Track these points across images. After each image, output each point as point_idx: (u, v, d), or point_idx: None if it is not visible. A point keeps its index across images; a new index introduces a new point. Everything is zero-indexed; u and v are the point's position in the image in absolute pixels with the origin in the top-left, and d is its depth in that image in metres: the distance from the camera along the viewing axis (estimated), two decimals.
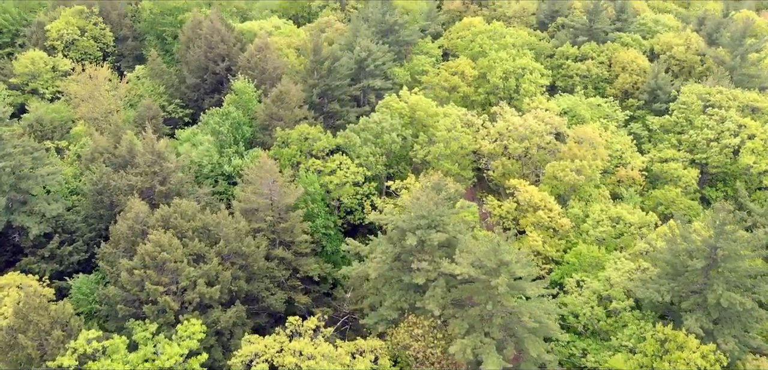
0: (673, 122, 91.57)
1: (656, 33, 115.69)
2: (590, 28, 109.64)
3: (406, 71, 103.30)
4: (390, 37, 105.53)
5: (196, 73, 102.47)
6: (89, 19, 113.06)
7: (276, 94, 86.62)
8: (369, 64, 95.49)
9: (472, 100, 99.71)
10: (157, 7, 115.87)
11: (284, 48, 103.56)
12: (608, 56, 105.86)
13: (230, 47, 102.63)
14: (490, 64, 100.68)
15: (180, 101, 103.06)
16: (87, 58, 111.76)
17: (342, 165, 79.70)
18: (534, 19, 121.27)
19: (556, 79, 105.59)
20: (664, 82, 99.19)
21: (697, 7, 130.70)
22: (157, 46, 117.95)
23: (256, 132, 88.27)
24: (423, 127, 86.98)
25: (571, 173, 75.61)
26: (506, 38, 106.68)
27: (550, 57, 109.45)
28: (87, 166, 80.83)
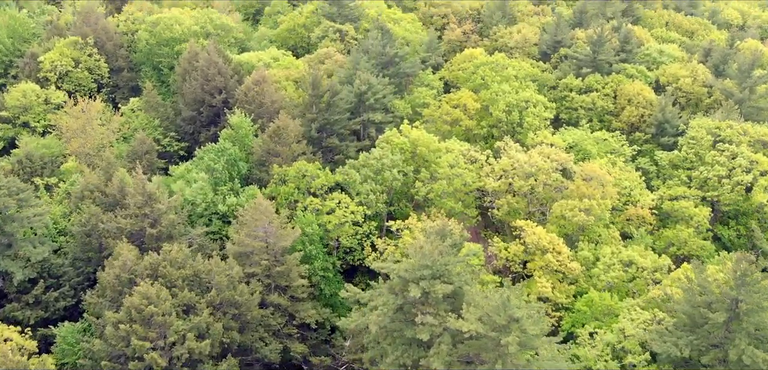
0: (682, 158, 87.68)
1: (661, 64, 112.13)
2: (594, 59, 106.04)
3: (407, 104, 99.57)
4: (390, 70, 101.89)
5: (192, 105, 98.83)
6: (84, 50, 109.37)
7: (273, 130, 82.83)
8: (369, 97, 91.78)
9: (475, 133, 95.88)
10: (153, 38, 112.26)
11: (282, 80, 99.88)
12: (613, 88, 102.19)
13: (227, 79, 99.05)
14: (492, 96, 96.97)
15: (175, 134, 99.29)
16: (81, 90, 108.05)
17: (341, 203, 75.73)
18: (536, 49, 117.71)
19: (560, 111, 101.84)
20: (672, 115, 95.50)
21: (702, 36, 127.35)
22: (153, 77, 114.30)
23: (252, 168, 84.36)
24: (425, 163, 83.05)
25: (580, 213, 71.62)
26: (508, 70, 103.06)
27: (553, 89, 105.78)
28: (77, 205, 76.94)
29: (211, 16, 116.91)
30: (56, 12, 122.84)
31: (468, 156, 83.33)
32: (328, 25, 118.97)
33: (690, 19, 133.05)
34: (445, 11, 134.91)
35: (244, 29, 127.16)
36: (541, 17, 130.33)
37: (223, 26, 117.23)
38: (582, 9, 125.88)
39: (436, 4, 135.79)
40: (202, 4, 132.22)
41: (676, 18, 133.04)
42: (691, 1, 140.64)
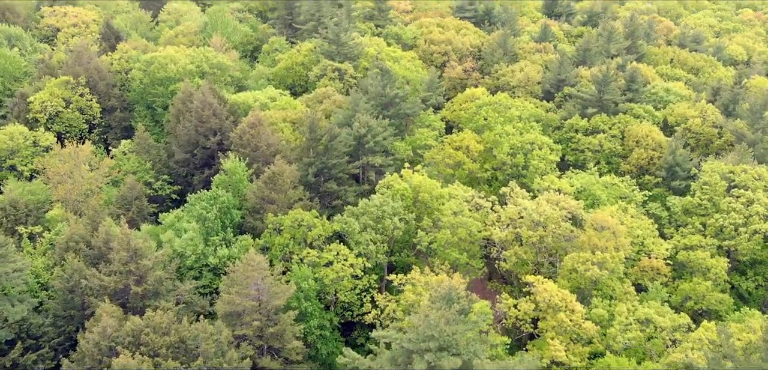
0: (695, 204, 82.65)
1: (668, 103, 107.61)
2: (600, 98, 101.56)
3: (408, 145, 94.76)
4: (390, 110, 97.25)
5: (186, 147, 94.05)
6: (75, 89, 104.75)
7: (268, 176, 77.87)
8: (368, 140, 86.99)
9: (478, 177, 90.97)
10: (147, 77, 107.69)
11: (279, 122, 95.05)
12: (620, 129, 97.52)
13: (222, 121, 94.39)
14: (495, 138, 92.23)
15: (167, 177, 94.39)
16: (71, 131, 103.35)
17: (339, 255, 70.53)
18: (539, 88, 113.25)
19: (566, 152, 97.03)
20: (682, 158, 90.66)
21: (708, 74, 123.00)
22: (147, 117, 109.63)
23: (246, 216, 79.28)
24: (427, 210, 78.07)
25: (593, 267, 66.43)
26: (512, 110, 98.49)
27: (557, 129, 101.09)
28: (61, 257, 71.76)
29: (207, 54, 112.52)
30: (49, 50, 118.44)
31: (472, 203, 78.27)
32: (327, 64, 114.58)
33: (695, 56, 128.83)
34: (445, 49, 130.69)
35: (241, 67, 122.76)
36: (543, 55, 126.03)
37: (220, 65, 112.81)
38: (585, 46, 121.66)
39: (436, 41, 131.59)
40: (198, 42, 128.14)
41: (680, 55, 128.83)
42: (696, 37, 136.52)
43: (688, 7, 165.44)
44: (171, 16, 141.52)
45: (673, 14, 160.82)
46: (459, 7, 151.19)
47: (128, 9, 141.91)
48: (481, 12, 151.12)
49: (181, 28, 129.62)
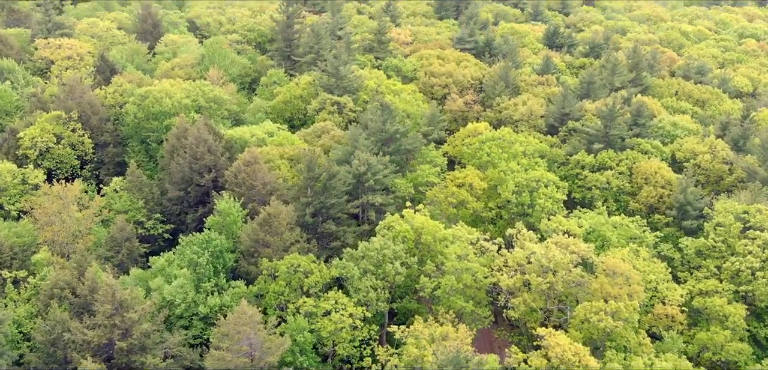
0: (709, 246, 78.24)
1: (676, 137, 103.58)
2: (606, 134, 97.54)
3: (409, 182, 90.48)
4: (390, 146, 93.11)
5: (179, 184, 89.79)
6: (67, 125, 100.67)
7: (263, 218, 73.53)
8: (368, 178, 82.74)
9: (483, 216, 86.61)
10: (141, 111, 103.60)
11: (276, 159, 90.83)
12: (628, 166, 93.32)
13: (217, 157, 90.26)
14: (500, 176, 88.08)
15: (160, 216, 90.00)
16: (62, 167, 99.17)
17: (338, 304, 65.97)
18: (542, 122, 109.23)
19: (573, 189, 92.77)
20: (693, 196, 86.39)
21: (714, 107, 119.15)
22: (141, 151, 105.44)
23: (240, 259, 74.78)
24: (430, 254, 73.64)
25: (607, 317, 61.87)
26: (516, 146, 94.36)
27: (563, 165, 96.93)
28: (45, 304, 67.36)
29: (203, 88, 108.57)
30: (41, 84, 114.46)
31: (477, 246, 73.83)
32: (326, 98, 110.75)
33: (700, 88, 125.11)
34: (445, 81, 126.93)
35: (239, 101, 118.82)
36: (546, 87, 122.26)
37: (216, 99, 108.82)
38: (589, 79, 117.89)
39: (436, 73, 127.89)
40: (195, 74, 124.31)
41: (685, 87, 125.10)
42: (700, 69, 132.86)
43: (691, 38, 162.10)
44: (168, 47, 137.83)
45: (675, 44, 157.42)
46: (459, 39, 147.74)
47: (125, 41, 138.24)
48: (481, 43, 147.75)
49: (178, 61, 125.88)
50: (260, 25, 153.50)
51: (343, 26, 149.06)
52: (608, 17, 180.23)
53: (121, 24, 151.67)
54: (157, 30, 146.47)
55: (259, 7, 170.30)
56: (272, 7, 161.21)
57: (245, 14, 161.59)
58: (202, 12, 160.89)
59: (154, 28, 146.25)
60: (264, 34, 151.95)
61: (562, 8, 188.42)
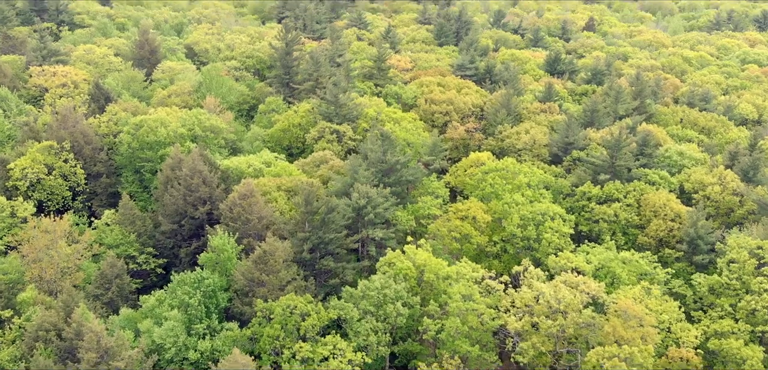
0: (723, 284, 74.32)
1: (683, 167, 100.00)
2: (612, 164, 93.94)
3: (410, 215, 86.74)
4: (391, 177, 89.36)
5: (173, 217, 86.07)
6: (59, 155, 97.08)
7: (259, 255, 69.70)
8: (368, 212, 78.94)
9: (487, 251, 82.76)
10: (136, 141, 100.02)
11: (273, 191, 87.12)
12: (636, 198, 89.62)
13: (212, 189, 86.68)
14: (504, 208, 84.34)
15: (153, 250, 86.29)
16: (53, 199, 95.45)
17: (336, 349, 61.94)
18: (546, 151, 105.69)
19: (579, 222, 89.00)
20: (704, 230, 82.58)
21: (720, 135, 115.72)
22: (135, 182, 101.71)
23: (233, 299, 70.82)
24: (433, 293, 69.70)
25: (620, 363, 57.85)
26: (520, 177, 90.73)
27: (569, 196, 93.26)
28: (30, 347, 63.45)
29: (199, 117, 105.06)
30: (34, 113, 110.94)
31: (483, 284, 69.91)
32: (325, 126, 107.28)
33: (705, 116, 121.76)
34: (446, 109, 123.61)
35: (236, 129, 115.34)
36: (548, 115, 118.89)
37: (213, 128, 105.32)
38: (592, 107, 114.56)
39: (436, 101, 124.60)
40: (192, 102, 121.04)
41: (690, 114, 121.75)
42: (704, 96, 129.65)
43: (693, 63, 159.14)
44: (165, 74, 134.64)
45: (678, 70, 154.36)
46: (459, 66, 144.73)
47: (121, 67, 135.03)
48: (482, 70, 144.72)
49: (175, 88, 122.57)
50: (259, 51, 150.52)
51: (343, 53, 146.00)
52: (609, 43, 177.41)
53: (118, 50, 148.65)
54: (155, 56, 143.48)
55: (258, 33, 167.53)
56: (271, 34, 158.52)
57: (244, 41, 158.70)
58: (201, 38, 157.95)
59: (152, 54, 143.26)
60: (263, 60, 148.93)
61: (563, 34, 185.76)
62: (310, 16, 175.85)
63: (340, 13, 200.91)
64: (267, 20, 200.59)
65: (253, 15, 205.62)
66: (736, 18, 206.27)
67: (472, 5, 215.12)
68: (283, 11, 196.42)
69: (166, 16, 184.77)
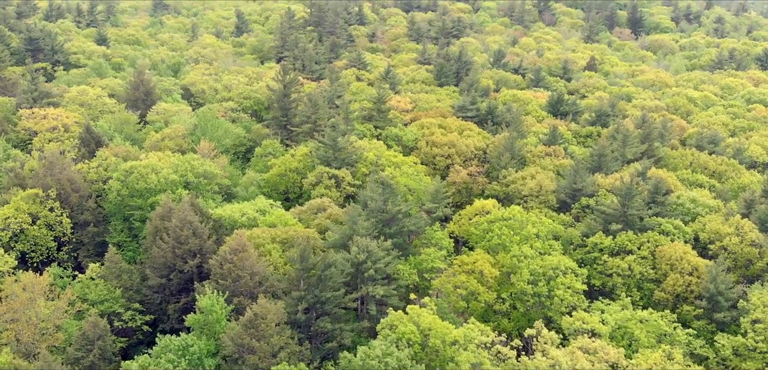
0: (749, 347, 68.22)
1: (697, 215, 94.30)
2: (624, 213, 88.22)
3: (413, 268, 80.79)
4: (392, 228, 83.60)
5: (161, 271, 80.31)
6: (45, 203, 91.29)
7: (249, 319, 63.57)
8: (368, 267, 73.00)
9: (495, 308, 76.65)
10: (125, 188, 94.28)
11: (267, 242, 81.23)
12: (650, 250, 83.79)
13: (203, 241, 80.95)
14: (513, 262, 78.44)
15: (139, 306, 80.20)
16: (37, 250, 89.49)
17: None
18: (553, 198, 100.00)
19: (592, 275, 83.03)
20: (725, 285, 76.69)
21: (732, 180, 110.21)
22: (124, 230, 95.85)
23: (221, 365, 64.56)
24: (439, 361, 63.46)
25: None
26: (528, 227, 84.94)
27: (580, 247, 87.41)
28: None
29: (192, 162, 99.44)
30: (21, 158, 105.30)
31: (493, 350, 63.72)
32: (323, 171, 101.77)
33: (715, 159, 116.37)
34: (448, 151, 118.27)
35: (231, 173, 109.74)
36: (554, 159, 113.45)
37: (206, 173, 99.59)
38: (600, 151, 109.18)
39: (438, 143, 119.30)
40: (186, 145, 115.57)
41: (700, 157, 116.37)
42: (712, 138, 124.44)
43: (698, 104, 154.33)
44: (160, 116, 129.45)
45: (683, 111, 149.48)
46: (460, 107, 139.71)
47: (115, 109, 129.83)
48: (483, 111, 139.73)
49: (169, 131, 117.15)
50: (257, 92, 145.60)
51: (342, 94, 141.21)
52: (611, 83, 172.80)
53: (113, 91, 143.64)
54: (150, 98, 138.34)
55: (256, 73, 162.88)
56: (270, 74, 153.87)
57: (242, 81, 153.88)
58: (197, 79, 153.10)
59: (147, 95, 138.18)
60: (260, 101, 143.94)
61: (564, 74, 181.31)
62: (309, 56, 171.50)
63: (340, 52, 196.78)
64: (266, 59, 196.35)
65: (252, 55, 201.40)
66: (737, 57, 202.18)
67: (471, 45, 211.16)
68: (282, 51, 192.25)
69: (164, 56, 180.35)
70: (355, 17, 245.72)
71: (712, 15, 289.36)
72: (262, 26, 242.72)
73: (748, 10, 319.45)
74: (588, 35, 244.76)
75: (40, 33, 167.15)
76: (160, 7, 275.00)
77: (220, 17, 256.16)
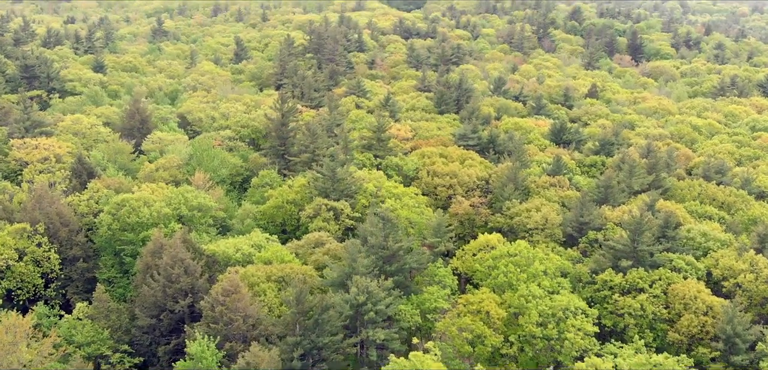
0: None
1: (708, 250, 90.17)
2: (634, 248, 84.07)
3: (415, 309, 76.47)
4: (393, 265, 79.44)
5: (151, 311, 76.26)
6: (32, 238, 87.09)
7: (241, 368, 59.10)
8: (368, 309, 68.75)
9: (503, 352, 72.22)
10: (116, 222, 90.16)
11: (262, 281, 76.94)
12: (663, 288, 79.55)
13: (195, 280, 76.89)
14: (521, 302, 74.15)
15: (128, 348, 75.97)
16: (24, 287, 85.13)
17: None
18: (560, 231, 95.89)
19: (602, 315, 78.71)
20: (742, 326, 72.44)
21: (742, 212, 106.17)
22: (114, 266, 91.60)
23: None
24: None
25: None
26: (535, 264, 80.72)
27: (589, 284, 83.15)
28: None
29: (186, 195, 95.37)
30: (10, 190, 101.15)
31: None
32: (321, 203, 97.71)
33: (723, 190, 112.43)
34: (449, 182, 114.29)
35: (227, 205, 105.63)
36: (559, 190, 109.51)
37: (200, 206, 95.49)
38: (606, 183, 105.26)
39: (439, 173, 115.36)
40: (181, 176, 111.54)
41: (708, 189, 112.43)
42: (719, 168, 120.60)
43: (703, 132, 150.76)
44: (155, 145, 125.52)
45: (687, 139, 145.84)
46: (462, 135, 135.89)
47: (109, 138, 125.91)
48: (485, 139, 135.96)
49: (163, 162, 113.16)
50: (254, 120, 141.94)
51: (341, 122, 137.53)
52: (614, 110, 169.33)
53: (108, 119, 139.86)
54: (146, 126, 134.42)
55: (254, 101, 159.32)
56: (269, 102, 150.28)
57: (239, 109, 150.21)
58: (194, 107, 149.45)
59: (142, 124, 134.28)
60: (258, 129, 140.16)
61: (565, 101, 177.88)
62: (308, 83, 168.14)
63: (339, 80, 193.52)
64: (265, 86, 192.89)
65: (251, 81, 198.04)
66: (740, 83, 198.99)
67: (471, 72, 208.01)
68: (281, 78, 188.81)
69: (161, 84, 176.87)
70: (355, 44, 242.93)
71: (711, 41, 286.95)
72: (262, 53, 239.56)
73: (747, 35, 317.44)
74: (588, 62, 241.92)
75: (35, 60, 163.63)
76: (159, 33, 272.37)
77: (219, 44, 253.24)
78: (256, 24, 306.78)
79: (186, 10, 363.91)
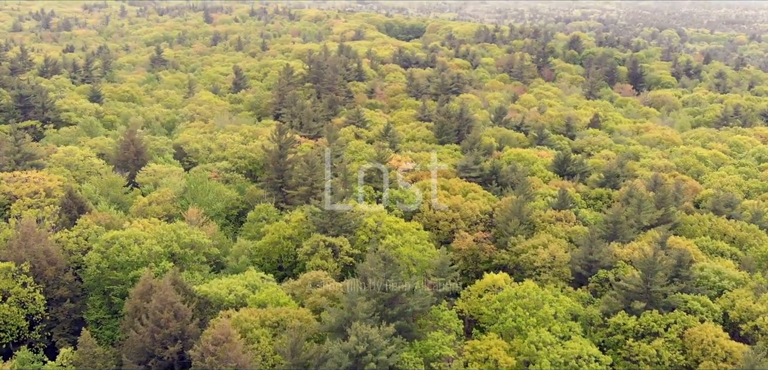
0: None
1: (723, 290, 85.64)
2: (647, 289, 79.55)
3: (419, 356, 71.67)
4: (395, 308, 74.74)
5: (139, 357, 71.64)
6: (17, 278, 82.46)
7: None
8: (368, 359, 63.97)
9: None
10: (105, 260, 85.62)
11: (256, 326, 72.22)
12: (678, 332, 74.88)
13: (186, 324, 72.20)
14: (531, 350, 69.43)
15: None
16: (7, 330, 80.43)
17: None
18: (568, 270, 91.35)
19: (616, 362, 73.95)
20: None
21: (755, 248, 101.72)
22: (102, 306, 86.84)
23: None
24: None
25: None
26: (545, 306, 76.10)
27: (601, 327, 78.46)
28: None
29: (178, 231, 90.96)
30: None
31: None
32: (319, 239, 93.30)
33: (734, 225, 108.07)
34: (452, 216, 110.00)
35: (221, 241, 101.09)
36: (565, 225, 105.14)
37: (193, 243, 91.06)
38: (615, 219, 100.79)
39: (441, 208, 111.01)
40: (174, 210, 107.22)
41: (718, 223, 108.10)
42: (729, 201, 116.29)
43: (709, 163, 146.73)
44: (149, 177, 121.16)
45: (693, 171, 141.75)
46: (463, 167, 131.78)
47: (102, 171, 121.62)
48: (487, 171, 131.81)
49: (156, 196, 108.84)
50: (252, 151, 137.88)
51: (340, 153, 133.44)
52: (617, 140, 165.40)
53: (102, 150, 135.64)
54: (141, 158, 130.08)
55: (252, 132, 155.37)
56: (267, 132, 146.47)
57: (237, 140, 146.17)
58: (191, 137, 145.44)
59: (137, 155, 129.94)
60: (256, 160, 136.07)
61: (567, 131, 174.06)
62: (307, 113, 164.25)
63: (338, 109, 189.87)
64: (263, 116, 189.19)
65: (249, 111, 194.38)
66: (743, 113, 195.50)
67: (471, 101, 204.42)
68: (279, 108, 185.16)
69: (158, 113, 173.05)
70: (354, 73, 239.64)
71: (712, 70, 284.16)
72: (261, 82, 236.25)
73: (746, 64, 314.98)
74: (589, 91, 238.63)
75: (31, 89, 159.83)
76: (158, 62, 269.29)
77: (218, 73, 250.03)
78: (256, 53, 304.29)
79: (186, 38, 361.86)
